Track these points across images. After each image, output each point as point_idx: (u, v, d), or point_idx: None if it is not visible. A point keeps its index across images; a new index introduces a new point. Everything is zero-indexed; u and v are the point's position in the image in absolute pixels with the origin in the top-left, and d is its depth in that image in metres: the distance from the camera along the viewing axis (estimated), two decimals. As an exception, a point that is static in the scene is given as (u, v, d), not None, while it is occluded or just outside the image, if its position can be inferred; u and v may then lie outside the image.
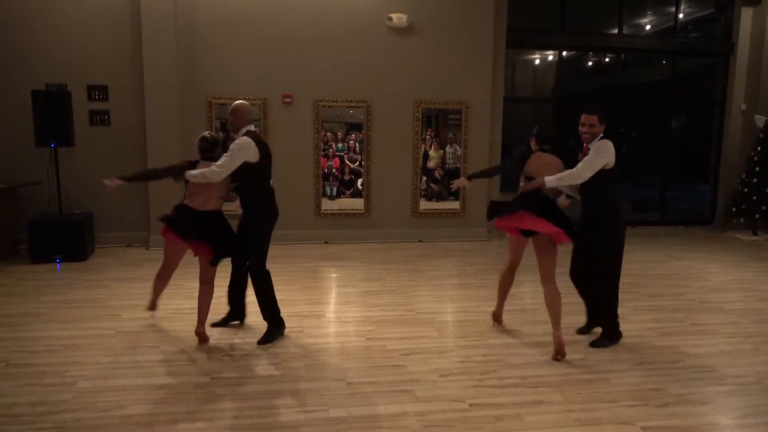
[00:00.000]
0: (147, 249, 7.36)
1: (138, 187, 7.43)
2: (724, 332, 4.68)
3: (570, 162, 4.12)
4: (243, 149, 4.00)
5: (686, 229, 9.88)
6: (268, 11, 7.58)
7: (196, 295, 4.23)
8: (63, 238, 6.61)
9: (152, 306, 4.67)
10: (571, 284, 4.39)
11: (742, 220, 9.19)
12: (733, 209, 9.24)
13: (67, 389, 3.43)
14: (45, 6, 7.11)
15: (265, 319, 4.34)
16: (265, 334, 4.30)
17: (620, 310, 5.14)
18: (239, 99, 7.49)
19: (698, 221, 10.33)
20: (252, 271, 4.28)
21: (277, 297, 4.33)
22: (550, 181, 3.94)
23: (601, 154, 3.94)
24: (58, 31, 7.17)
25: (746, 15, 9.39)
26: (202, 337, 4.21)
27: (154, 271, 4.55)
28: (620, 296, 5.56)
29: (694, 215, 10.62)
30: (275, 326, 4.35)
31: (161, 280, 4.49)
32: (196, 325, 4.20)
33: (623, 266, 4.29)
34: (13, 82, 7.07)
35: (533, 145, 4.32)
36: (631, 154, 11.46)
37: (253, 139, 4.07)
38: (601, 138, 4.01)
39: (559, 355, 3.99)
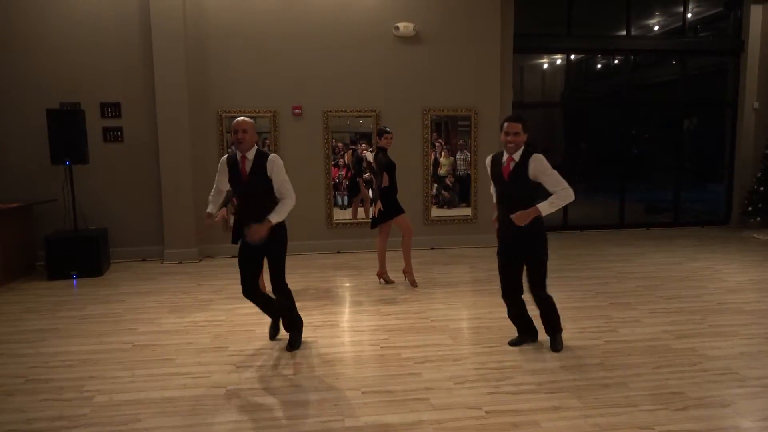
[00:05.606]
0: (162, 263, 7.42)
1: (151, 202, 7.59)
2: (743, 333, 4.60)
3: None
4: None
5: (701, 229, 9.77)
6: (275, 24, 7.66)
7: (210, 308, 4.24)
8: (78, 254, 6.68)
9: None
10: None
11: (759, 218, 9.07)
12: (749, 208, 9.13)
13: (85, 403, 3.46)
14: (57, 27, 7.25)
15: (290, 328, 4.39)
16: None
17: (636, 313, 5.15)
18: (249, 112, 7.77)
19: (713, 221, 10.22)
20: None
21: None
22: (546, 209, 3.88)
23: (550, 167, 3.91)
24: (71, 52, 7.30)
25: (756, 12, 9.31)
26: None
27: (168, 284, 4.59)
28: (636, 299, 5.60)
29: (709, 216, 10.50)
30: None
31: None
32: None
33: (638, 269, 4.26)
34: (28, 102, 7.21)
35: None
36: (644, 156, 11.38)
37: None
38: (527, 149, 3.96)
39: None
